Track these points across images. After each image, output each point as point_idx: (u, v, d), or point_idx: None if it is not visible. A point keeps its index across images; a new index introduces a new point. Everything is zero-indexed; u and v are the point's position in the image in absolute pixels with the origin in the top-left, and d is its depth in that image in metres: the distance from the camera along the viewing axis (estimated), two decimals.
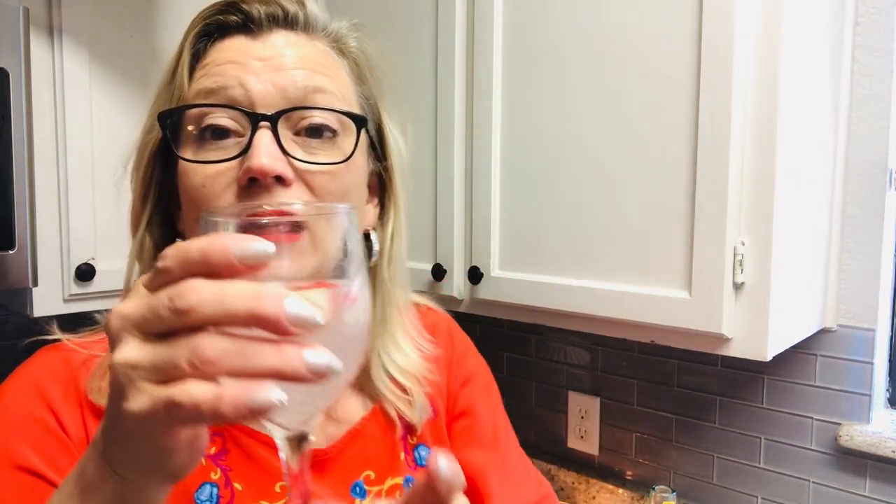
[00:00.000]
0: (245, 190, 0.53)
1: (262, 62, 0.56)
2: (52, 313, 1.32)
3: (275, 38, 0.58)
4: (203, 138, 0.55)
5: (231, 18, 0.58)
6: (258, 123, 0.54)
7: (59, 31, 1.30)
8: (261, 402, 0.30)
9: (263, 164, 0.52)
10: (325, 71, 0.59)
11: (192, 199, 0.55)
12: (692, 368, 1.45)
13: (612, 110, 1.13)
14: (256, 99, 0.54)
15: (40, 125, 1.27)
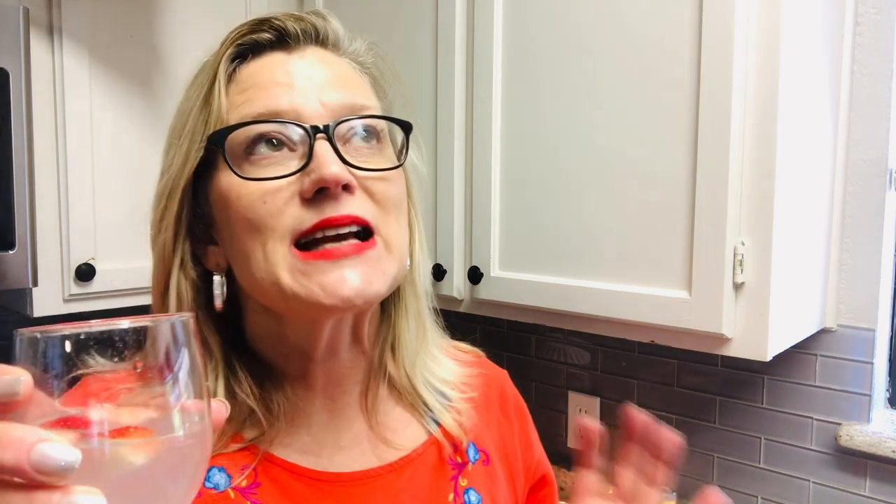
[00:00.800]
0: (310, 202, 0.53)
1: (306, 80, 0.56)
2: (52, 313, 1.32)
3: (310, 55, 0.58)
4: (252, 153, 0.54)
5: (264, 36, 0.58)
6: (316, 135, 0.53)
7: (59, 31, 1.30)
8: None
9: (335, 172, 0.52)
10: (362, 87, 0.60)
11: (250, 219, 0.53)
12: (692, 368, 1.45)
13: (612, 110, 1.13)
14: (308, 116, 0.55)
15: (40, 125, 1.27)
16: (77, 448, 0.29)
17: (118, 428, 0.33)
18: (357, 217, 0.53)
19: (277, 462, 0.59)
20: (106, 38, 1.36)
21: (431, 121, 1.37)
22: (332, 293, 0.52)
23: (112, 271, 1.36)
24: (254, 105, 0.55)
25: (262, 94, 0.55)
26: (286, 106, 0.54)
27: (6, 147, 1.15)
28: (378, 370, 0.64)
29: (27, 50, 1.17)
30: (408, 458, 0.63)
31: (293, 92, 0.55)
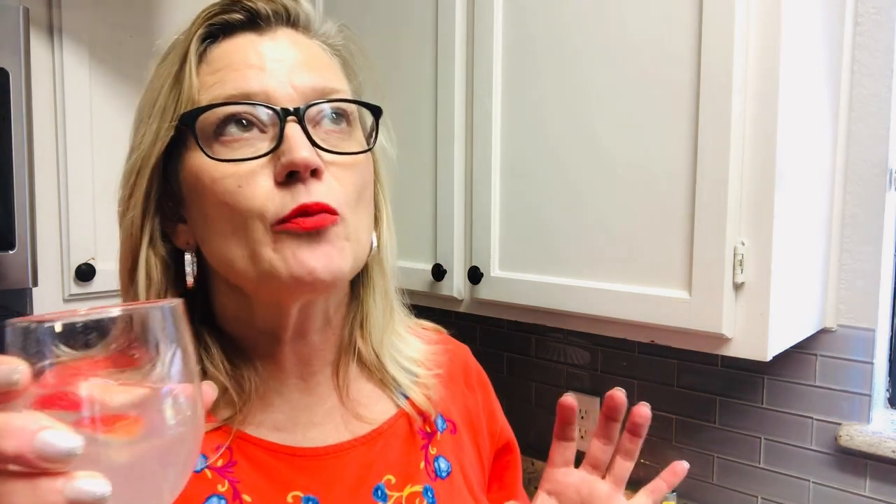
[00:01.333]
0: (283, 185, 0.53)
1: (277, 63, 0.56)
2: None
3: (282, 36, 0.59)
4: (222, 134, 0.55)
5: (235, 17, 0.58)
6: (287, 118, 0.54)
7: (59, 31, 1.30)
8: None
9: (305, 156, 0.53)
10: (332, 70, 0.60)
11: (227, 203, 0.54)
12: (692, 368, 1.45)
13: (612, 110, 1.13)
14: (280, 99, 0.55)
15: (40, 125, 1.27)
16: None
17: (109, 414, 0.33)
18: (326, 205, 0.54)
19: (251, 440, 0.59)
20: (106, 37, 1.36)
21: (431, 121, 1.37)
22: (302, 263, 0.53)
23: (112, 271, 1.35)
24: (225, 86, 0.55)
25: (234, 75, 0.55)
26: (257, 88, 0.55)
27: (6, 147, 1.15)
28: (348, 348, 0.65)
29: (27, 50, 1.17)
30: (379, 430, 0.65)
31: (264, 74, 0.55)
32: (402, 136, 1.55)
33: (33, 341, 0.34)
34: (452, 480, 0.67)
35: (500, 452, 0.77)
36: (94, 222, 1.35)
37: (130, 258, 0.59)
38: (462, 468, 0.68)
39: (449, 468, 0.67)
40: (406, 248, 1.41)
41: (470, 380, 0.75)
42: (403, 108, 1.41)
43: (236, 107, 0.55)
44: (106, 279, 1.36)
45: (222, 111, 0.55)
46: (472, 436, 0.72)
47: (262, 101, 0.55)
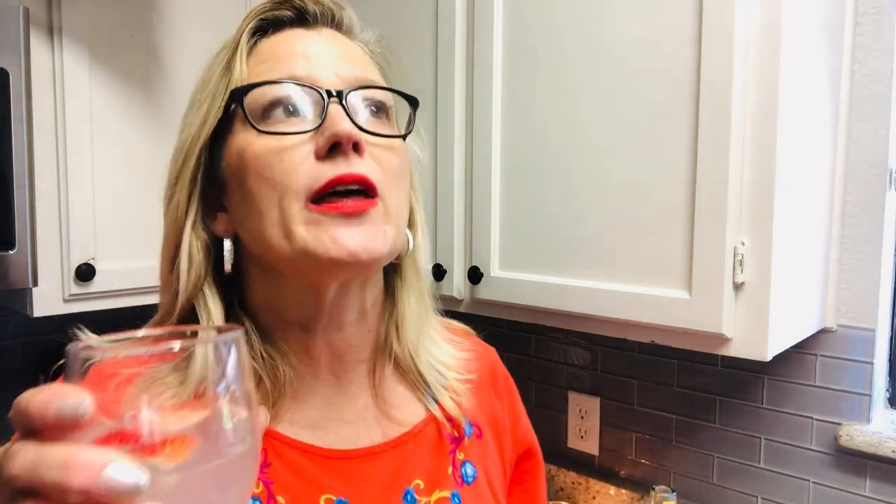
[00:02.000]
0: (324, 160, 0.55)
1: (323, 54, 0.59)
2: (52, 313, 1.32)
3: (326, 34, 0.62)
4: (269, 118, 0.57)
5: (285, 13, 0.61)
6: (330, 99, 0.56)
7: (59, 31, 1.30)
8: None
9: (347, 128, 0.55)
10: (371, 68, 0.64)
11: (267, 177, 0.55)
12: (692, 368, 1.45)
13: (612, 110, 1.13)
14: (325, 83, 0.58)
15: (40, 125, 1.27)
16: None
17: (166, 438, 0.34)
18: (365, 177, 0.55)
19: (285, 440, 0.60)
20: (106, 38, 1.36)
21: (431, 121, 1.37)
22: (341, 245, 0.54)
23: (112, 271, 1.36)
24: (273, 73, 0.58)
25: (282, 63, 0.58)
26: (303, 73, 0.58)
27: (6, 147, 1.15)
28: (384, 347, 0.66)
29: (27, 50, 1.17)
30: (409, 433, 0.65)
31: (310, 62, 0.58)
32: None
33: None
34: (478, 486, 0.67)
35: (522, 457, 0.77)
36: (94, 222, 1.35)
37: (174, 242, 0.60)
38: (487, 474, 0.69)
39: (475, 474, 0.67)
40: None
41: (497, 385, 0.75)
42: None
43: (284, 86, 0.57)
44: (106, 279, 1.36)
45: (269, 92, 0.57)
46: (497, 440, 0.72)
47: (307, 81, 0.57)
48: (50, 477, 0.29)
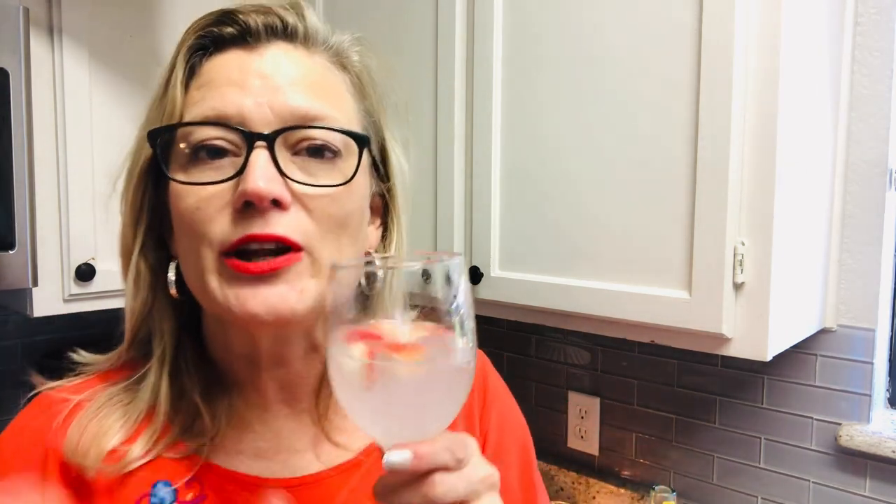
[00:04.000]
0: (240, 213, 0.51)
1: (260, 80, 0.53)
2: (52, 313, 1.32)
3: (273, 52, 0.55)
4: (196, 158, 0.53)
5: (227, 30, 0.55)
6: (254, 143, 0.51)
7: (59, 31, 1.30)
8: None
9: (259, 187, 0.50)
10: (326, 91, 0.56)
11: (187, 222, 0.53)
12: (692, 368, 1.45)
13: (613, 110, 1.13)
14: (254, 120, 0.52)
15: (40, 125, 1.27)
16: (366, 360, 0.41)
17: (401, 343, 0.42)
18: (283, 238, 0.51)
19: (223, 474, 0.57)
20: (106, 38, 1.36)
21: (431, 121, 1.37)
22: (243, 307, 0.51)
23: (112, 271, 1.36)
24: (204, 104, 0.53)
25: (213, 93, 0.53)
26: (232, 110, 0.52)
27: (6, 147, 1.15)
28: None
29: (27, 50, 1.17)
30: (360, 456, 0.62)
31: (242, 94, 0.53)
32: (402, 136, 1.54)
33: (360, 280, 0.43)
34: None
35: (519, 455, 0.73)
36: (94, 222, 1.35)
37: (125, 262, 0.59)
38: None
39: None
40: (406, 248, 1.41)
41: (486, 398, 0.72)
42: None
43: (203, 129, 0.52)
44: (106, 279, 1.36)
45: (194, 137, 0.53)
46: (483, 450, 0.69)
47: (237, 123, 0.52)
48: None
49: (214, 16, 0.57)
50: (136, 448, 0.55)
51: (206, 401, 0.58)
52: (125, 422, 0.57)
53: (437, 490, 0.42)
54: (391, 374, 0.41)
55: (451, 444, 0.44)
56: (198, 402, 0.57)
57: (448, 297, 0.43)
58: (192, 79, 0.56)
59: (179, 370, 0.58)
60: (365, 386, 0.42)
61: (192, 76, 0.56)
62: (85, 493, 0.55)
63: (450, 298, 0.43)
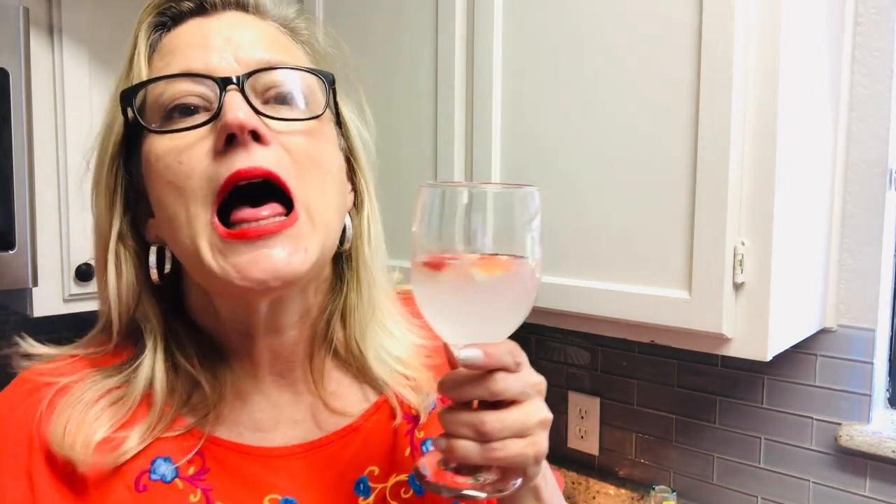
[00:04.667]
0: (222, 154, 0.51)
1: (222, 39, 0.55)
2: (52, 313, 1.32)
3: (230, 16, 0.57)
4: (170, 119, 0.54)
5: (185, 4, 0.57)
6: (226, 87, 0.52)
7: (59, 31, 1.30)
8: None
9: (239, 117, 0.51)
10: (284, 48, 0.59)
11: (170, 181, 0.52)
12: (692, 368, 1.45)
13: (612, 110, 1.13)
14: (222, 70, 0.54)
15: (40, 125, 1.27)
16: (449, 264, 0.48)
17: (487, 254, 0.48)
18: (268, 171, 0.52)
19: (225, 445, 0.58)
20: (106, 37, 1.36)
21: (432, 121, 1.37)
22: (245, 275, 0.51)
23: None
24: (170, 68, 0.54)
25: (178, 57, 0.55)
26: (199, 65, 0.54)
27: (6, 147, 1.15)
28: (323, 340, 0.63)
29: (27, 50, 1.17)
30: (357, 422, 0.62)
31: (206, 51, 0.54)
32: (403, 136, 1.55)
33: (447, 201, 0.49)
34: None
35: None
36: None
37: (102, 254, 0.58)
38: None
39: None
40: (406, 248, 1.41)
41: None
42: (403, 108, 1.41)
43: (176, 81, 0.53)
44: None
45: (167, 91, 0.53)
46: None
47: (203, 71, 0.53)
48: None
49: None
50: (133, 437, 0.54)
51: (205, 371, 0.58)
52: (117, 409, 0.55)
53: (498, 386, 0.50)
54: (471, 280, 0.48)
55: (513, 349, 0.51)
56: (195, 373, 0.57)
57: (526, 220, 0.49)
58: (154, 54, 0.57)
59: (173, 351, 0.58)
60: (445, 290, 0.49)
61: (152, 53, 0.57)
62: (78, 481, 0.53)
63: (528, 221, 0.49)
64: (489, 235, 0.49)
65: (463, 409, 0.51)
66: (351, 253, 0.63)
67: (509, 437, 0.50)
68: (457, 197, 0.49)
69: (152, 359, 0.57)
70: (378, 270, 0.65)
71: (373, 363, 0.64)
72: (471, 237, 0.48)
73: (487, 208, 0.49)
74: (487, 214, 0.49)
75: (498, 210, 0.49)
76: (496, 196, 0.49)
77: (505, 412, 0.50)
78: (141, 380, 0.57)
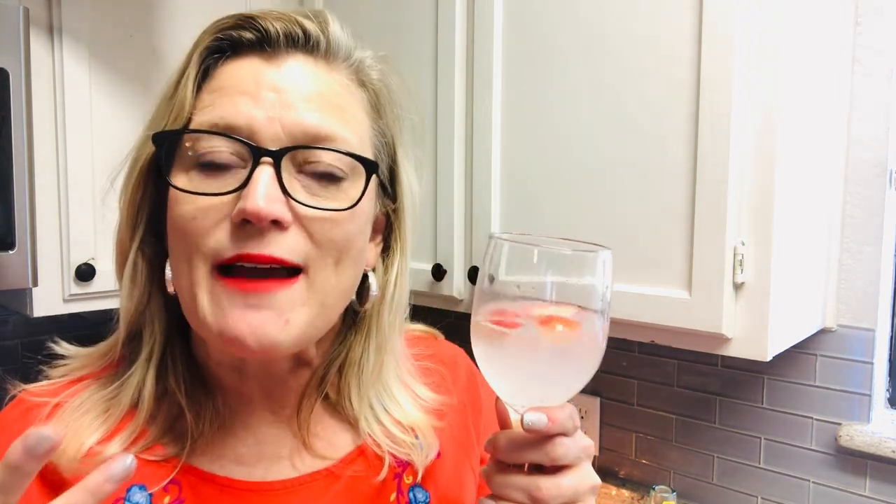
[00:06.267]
0: (238, 229, 0.50)
1: (274, 94, 0.51)
2: (52, 313, 1.32)
3: (291, 64, 0.53)
4: (200, 166, 0.52)
5: (245, 35, 0.53)
6: (260, 158, 0.50)
7: (59, 31, 1.30)
8: None
9: (259, 206, 0.48)
10: (340, 110, 0.54)
11: (181, 230, 0.51)
12: (692, 368, 1.45)
13: (612, 110, 1.13)
14: (263, 135, 0.51)
15: (40, 125, 1.27)
16: (513, 330, 0.47)
17: (547, 315, 0.47)
18: (280, 259, 0.50)
19: (202, 476, 0.56)
20: (106, 38, 1.36)
21: (432, 121, 1.37)
22: (231, 327, 0.50)
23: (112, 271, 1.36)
24: (214, 111, 0.52)
25: (225, 101, 0.52)
26: (242, 121, 0.51)
27: (6, 147, 1.15)
28: (318, 385, 0.61)
29: (27, 50, 1.17)
30: (345, 461, 0.61)
31: (254, 105, 0.51)
32: None
33: (524, 259, 0.48)
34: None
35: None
36: (94, 222, 1.35)
37: (121, 258, 0.58)
38: (444, 497, 0.64)
39: (426, 499, 0.63)
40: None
41: (460, 391, 0.71)
42: None
43: (210, 139, 0.51)
44: (106, 279, 1.36)
45: (200, 146, 0.51)
46: (463, 453, 0.68)
47: (245, 135, 0.51)
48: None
49: (234, 19, 0.54)
50: (112, 447, 0.54)
51: (191, 401, 0.57)
52: (105, 419, 0.55)
53: (558, 452, 0.48)
54: (539, 346, 0.47)
55: (572, 413, 0.50)
56: (181, 401, 0.56)
57: (600, 283, 0.48)
58: (205, 81, 0.54)
59: (166, 369, 0.57)
60: (511, 354, 0.48)
61: (205, 79, 0.54)
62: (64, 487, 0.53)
63: (601, 284, 0.48)
64: (559, 297, 0.47)
65: (515, 472, 0.49)
66: (366, 312, 0.61)
67: (562, 503, 0.49)
68: (528, 255, 0.48)
69: (143, 371, 0.57)
70: (393, 334, 0.63)
71: (361, 424, 0.62)
72: (539, 298, 0.47)
73: (559, 269, 0.47)
74: (558, 276, 0.47)
75: (569, 272, 0.48)
76: (569, 258, 0.48)
77: (560, 477, 0.49)
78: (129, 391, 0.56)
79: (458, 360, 0.74)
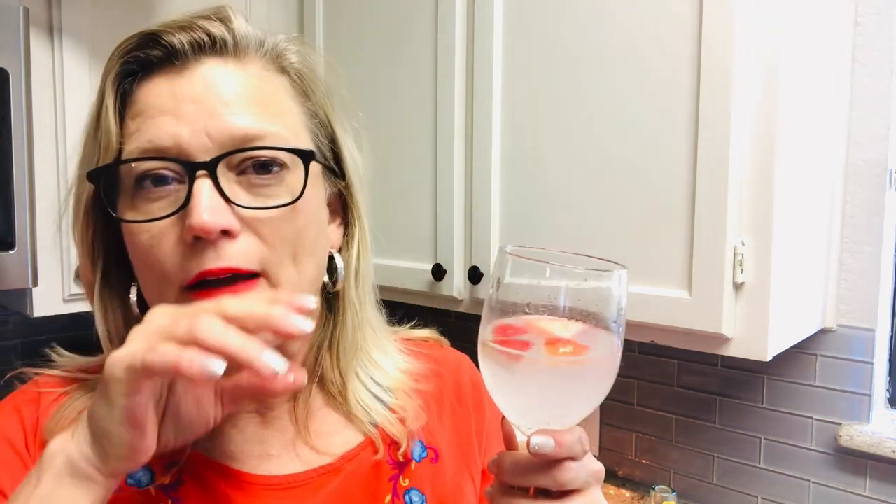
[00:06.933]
0: (192, 247, 0.50)
1: (194, 105, 0.51)
2: (52, 313, 1.32)
3: (203, 71, 0.53)
4: (141, 188, 0.52)
5: (152, 53, 0.53)
6: (196, 173, 0.50)
7: (59, 31, 1.30)
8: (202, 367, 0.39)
9: (204, 221, 0.49)
10: (264, 104, 0.54)
11: (142, 259, 0.52)
12: (692, 368, 1.45)
13: (612, 110, 1.13)
14: (192, 149, 0.51)
15: (40, 125, 1.27)
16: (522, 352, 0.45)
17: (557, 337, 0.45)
18: (236, 269, 0.51)
19: (203, 460, 0.57)
20: (106, 38, 1.36)
21: (431, 120, 1.37)
22: None
23: None
24: (141, 137, 0.52)
25: (149, 124, 0.52)
26: (168, 141, 0.51)
27: (6, 147, 1.15)
28: (310, 373, 0.61)
29: (27, 50, 1.17)
30: (341, 460, 0.61)
31: (177, 123, 0.51)
32: (402, 136, 1.55)
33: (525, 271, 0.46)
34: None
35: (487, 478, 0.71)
36: None
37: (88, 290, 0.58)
38: (441, 500, 0.64)
39: (422, 501, 0.62)
40: (406, 248, 1.41)
41: (462, 397, 0.70)
42: (403, 108, 1.41)
43: (145, 163, 0.51)
44: None
45: (136, 167, 0.51)
46: (463, 462, 0.67)
47: (175, 154, 0.51)
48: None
49: (137, 38, 0.54)
50: None
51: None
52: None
53: (566, 476, 0.46)
54: (544, 366, 0.45)
55: (582, 436, 0.47)
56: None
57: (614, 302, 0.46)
58: (126, 107, 0.54)
59: None
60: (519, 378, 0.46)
61: (125, 105, 0.54)
62: None
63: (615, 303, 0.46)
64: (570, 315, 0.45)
65: (521, 495, 0.48)
66: (340, 292, 0.62)
67: None
68: (540, 271, 0.46)
69: None
70: (365, 307, 0.64)
71: (355, 391, 0.63)
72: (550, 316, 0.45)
73: (572, 287, 0.45)
74: (571, 293, 0.45)
75: (583, 290, 0.46)
76: (582, 276, 0.46)
77: (566, 502, 0.47)
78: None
79: (462, 365, 0.74)
